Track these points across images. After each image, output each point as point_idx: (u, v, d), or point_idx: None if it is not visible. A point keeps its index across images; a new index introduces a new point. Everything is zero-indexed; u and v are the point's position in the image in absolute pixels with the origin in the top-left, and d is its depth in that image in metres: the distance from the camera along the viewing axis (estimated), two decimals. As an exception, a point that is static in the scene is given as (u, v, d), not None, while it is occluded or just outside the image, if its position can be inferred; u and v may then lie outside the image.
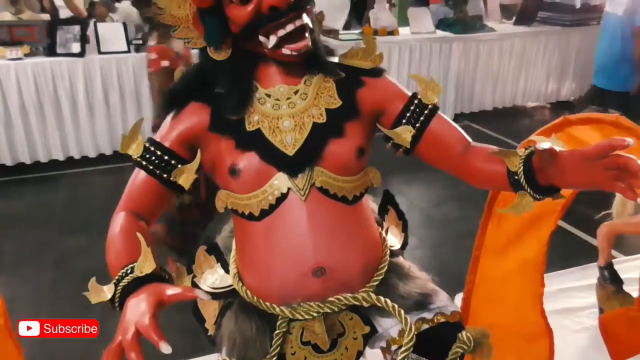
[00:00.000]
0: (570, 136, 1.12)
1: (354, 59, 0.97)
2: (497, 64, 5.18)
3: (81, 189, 3.78)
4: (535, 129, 4.26)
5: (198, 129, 0.91)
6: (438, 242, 3.12)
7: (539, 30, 5.34)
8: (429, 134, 0.95)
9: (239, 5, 0.82)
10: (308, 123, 0.90)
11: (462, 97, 5.17)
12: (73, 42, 3.93)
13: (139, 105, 4.10)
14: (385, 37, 4.76)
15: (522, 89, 5.42)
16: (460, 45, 4.94)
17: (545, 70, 5.42)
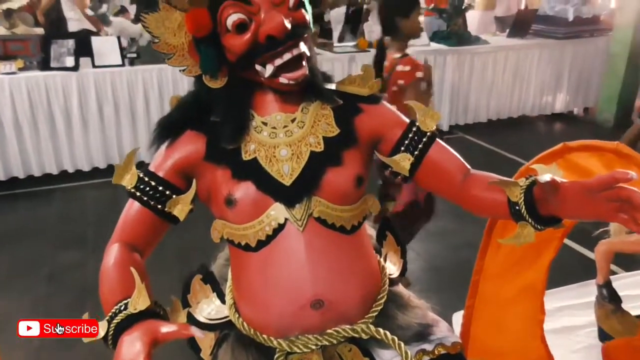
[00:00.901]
0: (570, 163, 1.11)
1: (351, 86, 0.96)
2: (491, 76, 5.20)
3: (75, 203, 3.75)
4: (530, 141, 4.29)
5: (193, 158, 0.90)
6: (435, 255, 3.11)
7: (532, 43, 5.37)
8: (428, 161, 0.94)
9: (236, 35, 0.81)
10: (305, 152, 0.88)
11: (457, 109, 5.18)
12: (67, 56, 3.92)
13: (134, 119, 4.09)
14: (380, 50, 4.77)
15: (516, 101, 5.44)
16: (454, 58, 4.96)
17: (539, 82, 5.45)
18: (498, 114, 5.41)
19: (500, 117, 5.45)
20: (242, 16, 0.80)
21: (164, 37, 0.85)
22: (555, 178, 0.77)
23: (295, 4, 0.83)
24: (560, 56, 5.47)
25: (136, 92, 4.04)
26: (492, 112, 5.37)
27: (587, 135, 5.41)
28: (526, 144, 4.95)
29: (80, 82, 3.90)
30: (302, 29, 0.84)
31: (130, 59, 4.06)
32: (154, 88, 4.06)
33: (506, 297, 1.20)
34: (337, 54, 4.59)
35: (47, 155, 3.94)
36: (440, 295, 1.05)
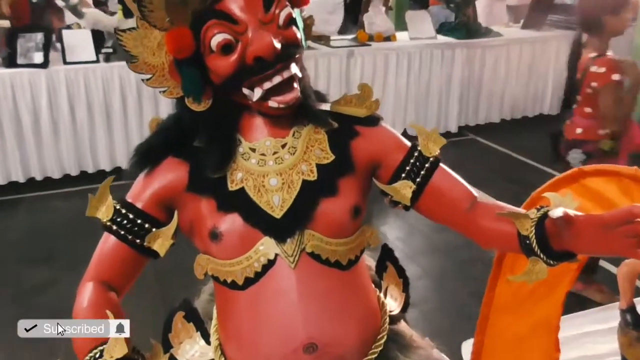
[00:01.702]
0: (586, 188, 1.13)
1: (347, 106, 0.98)
2: (504, 71, 5.24)
3: (43, 215, 3.75)
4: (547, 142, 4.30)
5: (175, 188, 0.91)
6: (442, 272, 3.13)
7: (549, 35, 5.42)
8: (431, 189, 0.96)
9: (221, 56, 0.83)
10: (297, 181, 0.90)
11: (467, 109, 5.21)
12: (35, 51, 3.92)
13: (109, 120, 4.09)
14: (382, 44, 4.81)
15: (532, 99, 5.48)
16: (463, 52, 5.00)
17: (557, 78, 5.47)
18: (512, 113, 5.45)
19: (515, 117, 5.48)
20: (227, 36, 0.81)
21: (142, 56, 0.86)
22: (568, 212, 0.79)
23: (285, 21, 0.84)
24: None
25: (112, 92, 4.04)
26: (506, 112, 5.41)
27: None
28: (544, 146, 4.97)
29: (50, 80, 3.90)
30: (293, 49, 0.85)
31: (105, 54, 4.06)
32: (132, 87, 4.07)
33: (518, 333, 1.22)
34: (334, 49, 4.61)
35: (13, 161, 3.95)
36: (448, 319, 1.06)
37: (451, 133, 5.14)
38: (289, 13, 0.85)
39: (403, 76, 4.83)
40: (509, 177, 4.32)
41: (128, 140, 4.17)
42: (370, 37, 4.83)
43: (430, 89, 4.96)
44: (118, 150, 4.17)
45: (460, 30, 5.10)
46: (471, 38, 5.07)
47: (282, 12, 0.84)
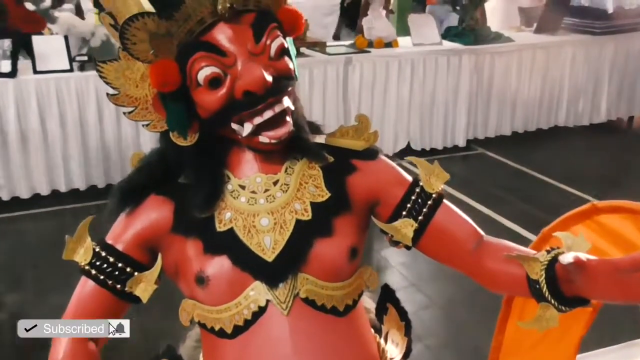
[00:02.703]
0: (599, 225, 1.16)
1: (344, 139, 1.00)
2: (515, 80, 5.30)
3: (10, 238, 3.75)
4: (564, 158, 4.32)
5: (158, 229, 0.93)
6: (450, 300, 3.15)
7: (564, 40, 5.49)
8: (434, 228, 0.98)
9: (208, 90, 0.85)
10: (290, 221, 0.92)
11: (475, 121, 5.26)
12: (2, 59, 3.95)
13: (83, 135, 4.11)
14: (382, 50, 4.87)
15: (546, 110, 5.54)
16: (471, 59, 5.06)
17: (573, 87, 5.55)
18: (525, 125, 5.50)
19: (528, 130, 5.53)
20: (215, 70, 0.84)
21: (124, 88, 0.89)
22: (579, 256, 0.81)
23: (277, 52, 0.87)
24: (599, 55, 5.59)
25: (87, 103, 4.07)
26: (518, 124, 5.46)
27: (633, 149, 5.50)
28: (559, 161, 5.04)
29: (19, 90, 3.93)
30: (285, 82, 0.88)
31: (80, 62, 4.09)
32: (109, 98, 4.09)
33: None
34: (330, 56, 4.66)
35: (-23, 181, 3.96)
36: (455, 355, 1.08)
37: (459, 147, 5.18)
38: (281, 44, 0.88)
39: (406, 85, 4.88)
40: (522, 195, 4.36)
41: (104, 156, 4.19)
42: (370, 43, 4.88)
43: (435, 99, 5.01)
44: (93, 168, 4.19)
45: (467, 35, 5.16)
46: (479, 43, 5.13)
47: (273, 43, 0.87)
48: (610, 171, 4.91)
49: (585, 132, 5.75)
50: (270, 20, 0.88)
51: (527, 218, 3.98)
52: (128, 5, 0.84)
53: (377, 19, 4.97)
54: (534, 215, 4.06)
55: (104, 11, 0.87)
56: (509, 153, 5.09)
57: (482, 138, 5.35)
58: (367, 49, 4.86)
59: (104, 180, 4.23)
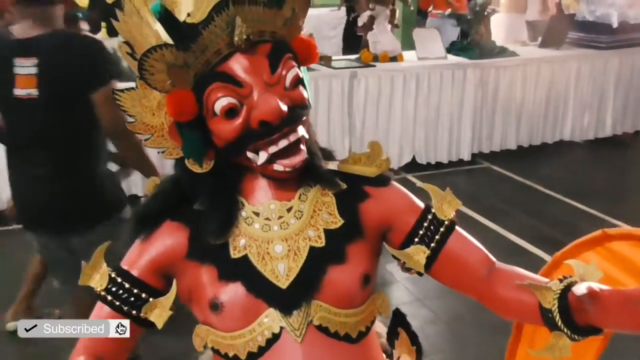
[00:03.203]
0: (610, 252, 1.17)
1: (356, 165, 1.02)
2: (520, 94, 5.32)
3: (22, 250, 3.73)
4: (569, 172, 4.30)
5: (173, 255, 0.94)
6: (456, 316, 3.14)
7: (569, 54, 5.53)
8: (446, 254, 0.99)
9: (225, 120, 0.87)
10: (304, 247, 0.93)
11: (480, 134, 5.28)
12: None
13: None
14: (387, 64, 4.90)
15: (551, 124, 5.56)
16: (476, 73, 5.09)
17: (578, 101, 5.57)
18: (530, 139, 5.52)
19: (533, 144, 5.55)
20: (232, 100, 0.85)
21: (140, 116, 0.90)
22: (592, 287, 0.82)
23: (292, 82, 0.89)
24: (604, 69, 5.61)
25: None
26: (523, 138, 5.48)
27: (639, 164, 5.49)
28: (565, 175, 5.05)
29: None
30: (300, 111, 0.89)
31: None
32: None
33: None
34: (335, 70, 4.68)
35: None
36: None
37: (464, 161, 5.20)
38: (296, 74, 0.89)
39: (411, 99, 4.90)
40: (527, 209, 4.37)
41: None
42: (375, 57, 4.91)
43: (440, 113, 5.03)
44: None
45: (472, 50, 5.19)
46: (484, 58, 5.16)
47: (289, 74, 0.88)
48: (616, 186, 4.91)
49: (591, 147, 5.77)
50: (285, 50, 0.89)
51: (533, 233, 3.99)
52: (146, 35, 0.85)
53: (382, 33, 5.00)
54: (539, 229, 4.06)
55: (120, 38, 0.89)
56: (514, 167, 5.11)
57: (487, 152, 5.37)
58: (372, 63, 4.89)
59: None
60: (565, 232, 4.02)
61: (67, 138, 1.98)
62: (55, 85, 1.92)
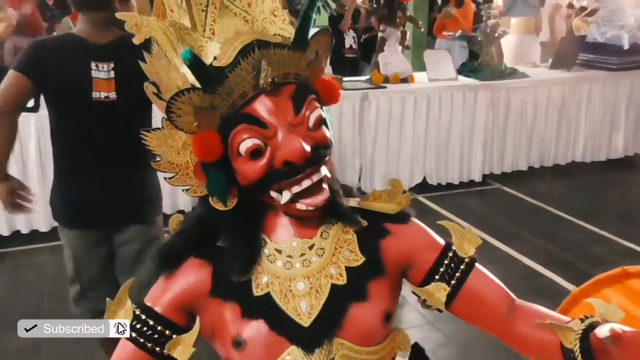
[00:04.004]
0: (629, 290, 1.17)
1: (376, 202, 1.03)
2: (532, 115, 5.34)
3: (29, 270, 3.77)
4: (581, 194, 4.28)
5: (197, 292, 0.95)
6: (467, 340, 3.12)
7: (580, 76, 5.55)
8: (467, 291, 1.00)
9: (249, 160, 0.88)
10: (326, 285, 0.94)
11: (491, 156, 5.29)
12: (26, 95, 4.02)
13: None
14: (398, 85, 4.93)
15: (563, 145, 5.56)
16: (487, 94, 5.10)
17: (590, 122, 5.58)
18: (541, 160, 5.52)
19: (545, 165, 5.56)
20: (257, 142, 0.87)
21: (166, 155, 0.92)
22: (614, 328, 0.83)
23: (315, 123, 0.90)
24: (615, 91, 5.63)
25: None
26: (534, 159, 5.49)
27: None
28: (577, 197, 5.04)
29: (40, 124, 3.98)
30: (323, 152, 0.91)
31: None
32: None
33: None
34: (346, 91, 4.71)
35: (-3, 213, 4.01)
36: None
37: (474, 182, 5.20)
38: (319, 115, 0.91)
39: (422, 120, 4.92)
40: (540, 231, 4.35)
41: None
42: (386, 79, 4.94)
43: (451, 135, 5.05)
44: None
45: (483, 71, 5.22)
46: (495, 79, 5.18)
47: (312, 115, 0.90)
48: (628, 207, 4.89)
49: (603, 168, 5.75)
50: (309, 92, 0.91)
51: (545, 255, 3.97)
52: (173, 77, 0.88)
53: (393, 54, 5.03)
54: (551, 252, 4.04)
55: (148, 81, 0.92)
56: (526, 188, 5.10)
57: (499, 173, 5.36)
58: (383, 84, 4.92)
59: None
60: (578, 255, 4.01)
61: (139, 139, 2.05)
62: (132, 89, 1.99)
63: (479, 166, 5.19)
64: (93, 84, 2.01)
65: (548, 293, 3.48)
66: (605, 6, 5.71)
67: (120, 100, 2.04)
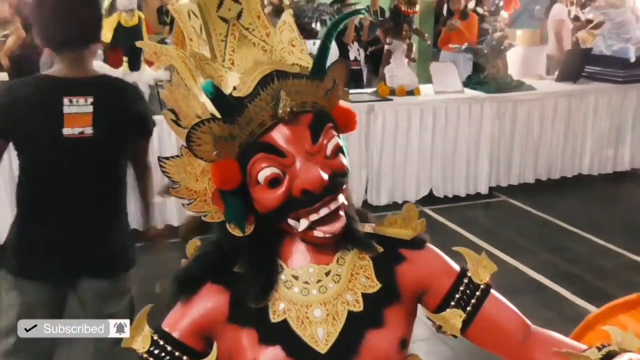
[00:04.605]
0: (645, 315, 1.18)
1: (391, 228, 1.03)
2: (538, 127, 5.35)
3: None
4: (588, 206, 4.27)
5: (214, 318, 0.96)
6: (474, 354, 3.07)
7: (586, 88, 5.56)
8: (482, 318, 1.00)
9: (268, 189, 0.89)
10: (342, 312, 0.95)
11: (498, 168, 5.29)
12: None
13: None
14: (404, 98, 4.95)
15: (569, 158, 5.57)
16: (493, 107, 5.12)
17: (597, 134, 5.59)
18: (549, 173, 5.52)
19: (552, 177, 5.56)
20: (275, 171, 0.88)
21: (184, 182, 0.93)
22: (632, 358, 0.83)
23: (333, 151, 0.91)
24: (621, 103, 5.63)
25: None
26: (541, 171, 5.48)
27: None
28: (584, 210, 5.02)
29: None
30: (340, 179, 0.91)
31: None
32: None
33: None
34: (352, 104, 4.72)
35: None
36: None
37: (481, 194, 5.20)
38: (337, 143, 0.92)
39: (428, 133, 4.94)
40: (547, 244, 4.35)
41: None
42: (392, 91, 4.96)
43: (457, 147, 5.06)
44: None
45: (489, 83, 5.24)
46: (501, 91, 5.19)
47: (329, 143, 0.90)
48: (635, 220, 4.87)
49: (610, 180, 5.75)
50: (326, 120, 0.92)
51: (551, 268, 3.97)
52: (192, 106, 0.89)
53: (399, 67, 5.05)
54: (558, 265, 4.04)
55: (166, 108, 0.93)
56: (533, 201, 5.09)
57: (505, 185, 5.36)
58: (389, 96, 4.93)
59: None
60: (585, 268, 4.00)
61: (112, 179, 2.00)
62: (110, 126, 1.92)
63: (486, 178, 5.19)
64: (64, 120, 1.87)
65: (554, 306, 3.48)
66: (612, 19, 5.74)
67: (97, 135, 1.89)
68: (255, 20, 0.93)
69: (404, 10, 4.87)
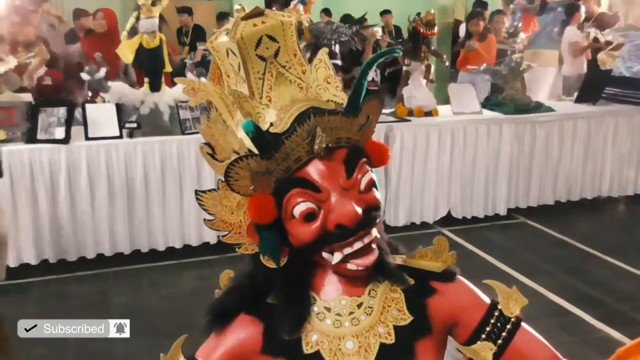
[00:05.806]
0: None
1: (422, 260, 1.05)
2: (557, 149, 5.33)
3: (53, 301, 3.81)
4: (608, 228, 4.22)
5: (248, 349, 0.97)
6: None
7: (606, 110, 5.54)
8: (513, 351, 1.01)
9: (303, 223, 0.91)
10: (374, 344, 0.96)
11: (517, 190, 5.27)
12: (57, 126, 4.14)
13: (130, 199, 4.25)
14: (422, 119, 4.97)
15: (589, 180, 5.53)
16: (511, 128, 5.11)
17: (617, 156, 5.55)
18: (568, 195, 5.49)
19: (571, 199, 5.52)
20: (311, 206, 0.90)
21: (220, 215, 0.95)
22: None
23: (367, 186, 0.93)
24: (642, 125, 5.59)
25: (134, 168, 4.22)
26: (561, 193, 5.45)
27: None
28: (604, 232, 4.98)
29: (71, 156, 4.10)
30: (374, 214, 0.93)
31: (129, 129, 4.27)
32: (156, 164, 4.25)
33: None
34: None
35: (26, 242, 4.09)
36: None
37: (500, 216, 5.18)
38: (371, 178, 0.94)
39: (446, 154, 4.94)
40: (567, 267, 4.31)
41: (148, 222, 4.33)
42: (410, 112, 4.99)
43: (475, 168, 5.05)
44: (138, 233, 4.31)
45: (507, 105, 5.24)
46: (520, 113, 5.19)
47: (364, 178, 0.92)
48: (657, 243, 4.83)
49: (630, 203, 5.71)
50: (360, 155, 0.94)
51: (572, 291, 3.93)
52: (229, 141, 0.91)
53: (417, 88, 5.08)
54: (578, 288, 4.00)
55: (203, 142, 0.95)
56: (552, 223, 5.06)
57: (524, 207, 5.34)
58: (408, 117, 4.95)
59: (147, 245, 4.36)
60: (606, 291, 3.95)
61: None
62: None
63: (504, 200, 5.17)
64: None
65: (575, 331, 3.45)
66: (631, 41, 5.73)
67: None
68: (292, 58, 0.96)
69: (422, 32, 4.90)
